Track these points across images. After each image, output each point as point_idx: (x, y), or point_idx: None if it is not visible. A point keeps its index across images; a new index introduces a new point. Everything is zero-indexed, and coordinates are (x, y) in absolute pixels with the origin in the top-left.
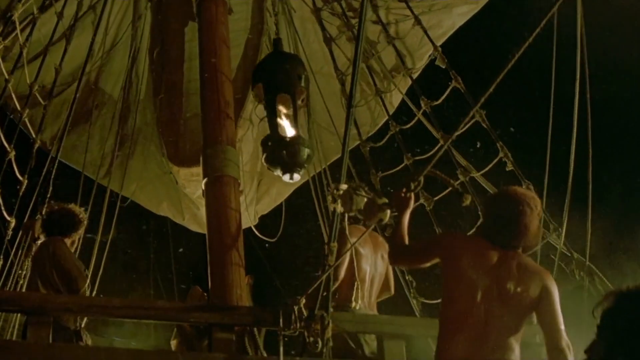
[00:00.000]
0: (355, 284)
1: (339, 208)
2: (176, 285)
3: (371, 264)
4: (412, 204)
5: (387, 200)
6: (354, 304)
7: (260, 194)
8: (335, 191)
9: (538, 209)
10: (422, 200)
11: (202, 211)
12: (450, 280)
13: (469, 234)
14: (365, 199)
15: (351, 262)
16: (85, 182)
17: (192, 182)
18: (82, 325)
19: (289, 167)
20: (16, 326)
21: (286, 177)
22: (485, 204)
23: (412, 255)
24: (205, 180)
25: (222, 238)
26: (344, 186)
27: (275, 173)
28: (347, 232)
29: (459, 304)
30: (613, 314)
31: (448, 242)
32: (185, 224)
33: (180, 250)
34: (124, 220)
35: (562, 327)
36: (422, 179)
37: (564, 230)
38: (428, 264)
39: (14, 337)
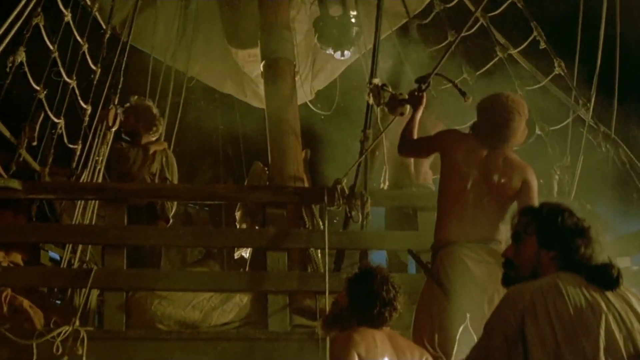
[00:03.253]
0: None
1: (371, 100)
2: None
3: None
4: (423, 102)
5: (406, 97)
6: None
7: (315, 70)
8: (368, 85)
9: (525, 114)
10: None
11: (262, 89)
12: (446, 172)
13: None
14: (389, 94)
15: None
16: (154, 65)
17: (250, 62)
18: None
19: (339, 45)
20: (94, 214)
21: (337, 55)
22: (479, 108)
23: (416, 148)
24: (262, 62)
25: (279, 117)
26: (376, 80)
27: (327, 51)
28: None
29: (453, 192)
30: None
31: (446, 139)
32: (247, 101)
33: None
34: (192, 100)
35: None
36: (430, 80)
37: (592, 104)
38: (428, 156)
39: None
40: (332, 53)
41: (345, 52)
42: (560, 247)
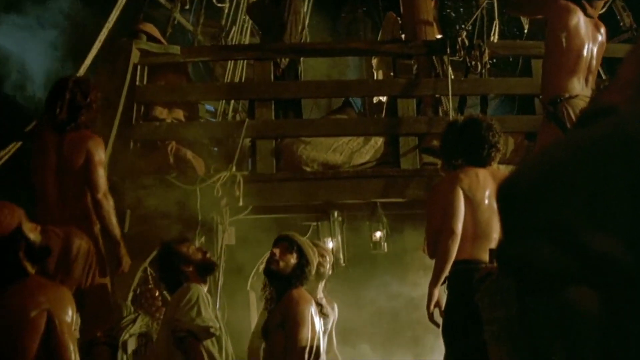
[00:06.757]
0: None
1: None
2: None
3: None
4: None
5: None
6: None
7: None
8: None
9: None
10: None
11: None
12: (557, 35)
13: None
14: None
15: None
16: None
17: None
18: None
19: None
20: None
21: None
22: None
23: (525, 8)
24: None
25: None
26: None
27: None
28: None
29: (569, 53)
30: None
31: (553, 6)
32: None
33: None
34: None
35: None
36: None
37: None
38: (532, 16)
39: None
40: None
41: None
42: None
